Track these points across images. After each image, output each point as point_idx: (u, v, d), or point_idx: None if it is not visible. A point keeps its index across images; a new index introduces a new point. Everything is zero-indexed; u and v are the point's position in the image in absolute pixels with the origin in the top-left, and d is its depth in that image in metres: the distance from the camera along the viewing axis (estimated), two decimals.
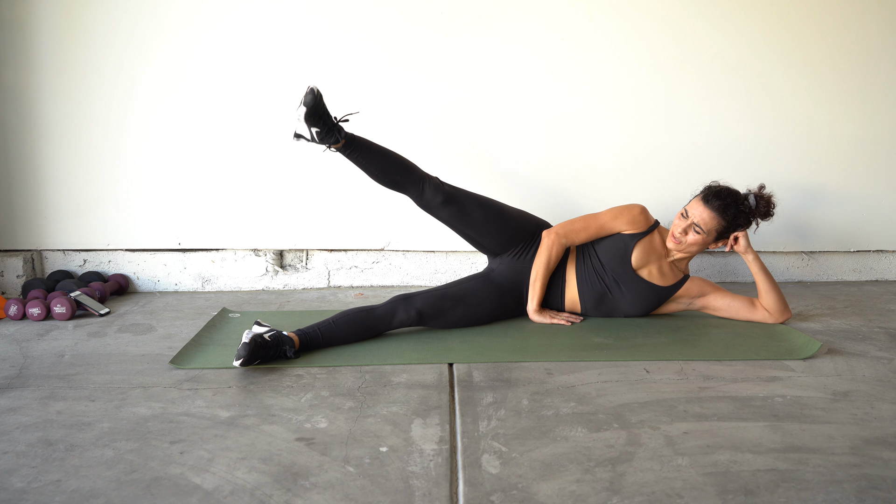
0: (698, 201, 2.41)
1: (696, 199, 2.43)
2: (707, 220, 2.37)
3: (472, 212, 2.50)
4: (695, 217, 2.38)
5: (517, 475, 1.42)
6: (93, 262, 3.09)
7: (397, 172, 2.45)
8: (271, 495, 1.35)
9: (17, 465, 1.48)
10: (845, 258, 3.25)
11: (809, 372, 2.01)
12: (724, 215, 2.37)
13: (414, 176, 2.46)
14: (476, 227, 2.52)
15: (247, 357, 2.01)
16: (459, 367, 2.06)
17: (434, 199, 2.46)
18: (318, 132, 2.32)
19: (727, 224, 2.39)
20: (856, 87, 3.09)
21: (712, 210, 2.37)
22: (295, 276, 3.13)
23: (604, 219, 2.50)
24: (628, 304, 2.51)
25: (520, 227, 2.54)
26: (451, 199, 2.47)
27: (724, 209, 2.37)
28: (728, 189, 2.42)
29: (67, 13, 2.90)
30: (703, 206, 2.38)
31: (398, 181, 2.46)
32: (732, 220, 2.39)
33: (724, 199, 2.38)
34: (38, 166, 3.00)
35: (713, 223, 2.38)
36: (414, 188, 2.46)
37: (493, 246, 2.55)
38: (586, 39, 3.00)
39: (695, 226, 2.38)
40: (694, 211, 2.39)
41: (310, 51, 2.97)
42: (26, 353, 2.23)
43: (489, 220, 2.51)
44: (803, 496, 1.34)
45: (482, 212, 2.51)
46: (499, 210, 2.54)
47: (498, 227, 2.52)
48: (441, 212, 2.49)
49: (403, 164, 2.46)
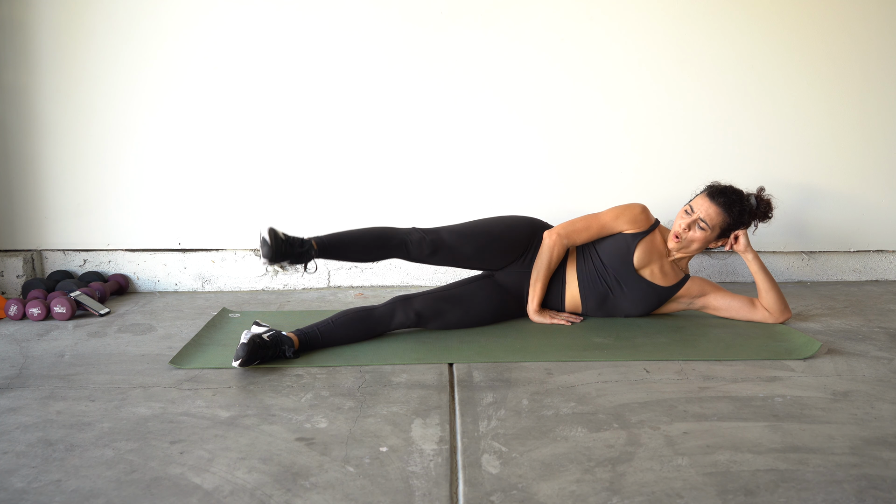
0: (704, 197, 2.41)
1: (701, 195, 2.43)
2: (713, 215, 2.37)
3: (464, 249, 2.44)
4: (700, 212, 2.38)
5: (517, 475, 1.42)
6: (93, 262, 3.09)
7: (376, 248, 2.39)
8: (271, 495, 1.35)
9: (17, 465, 1.48)
10: (845, 258, 3.25)
11: (809, 372, 2.01)
12: (729, 212, 2.38)
13: (394, 242, 2.40)
14: (472, 261, 2.49)
15: (245, 358, 2.01)
16: (459, 367, 2.06)
17: (421, 254, 2.42)
18: (290, 262, 2.28)
19: (731, 221, 2.40)
20: (856, 86, 3.09)
21: (718, 206, 2.37)
22: (295, 276, 3.13)
23: (605, 219, 2.49)
24: (629, 304, 2.50)
25: (515, 239, 2.49)
26: (438, 248, 2.42)
27: (730, 206, 2.38)
28: (732, 187, 2.43)
29: (67, 13, 2.90)
30: (710, 201, 2.39)
31: (381, 255, 2.41)
32: (737, 218, 2.40)
33: (729, 196, 2.38)
34: (38, 166, 3.00)
35: (718, 219, 2.38)
36: (399, 252, 2.42)
37: (495, 266, 2.52)
38: (587, 39, 3.00)
39: (700, 221, 2.38)
40: (700, 207, 2.39)
41: (310, 51, 2.97)
42: (26, 353, 2.23)
43: (482, 248, 2.46)
44: (803, 496, 1.34)
45: (473, 245, 2.45)
46: (488, 234, 2.48)
47: (493, 251, 2.47)
48: (433, 260, 2.46)
49: (379, 237, 2.40)
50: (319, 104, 3.00)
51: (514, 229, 2.51)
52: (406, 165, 3.06)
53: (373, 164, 3.05)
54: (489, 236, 2.47)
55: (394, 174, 3.06)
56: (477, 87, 3.01)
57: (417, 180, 3.07)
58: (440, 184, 3.08)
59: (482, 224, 2.51)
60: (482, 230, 2.48)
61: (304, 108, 3.00)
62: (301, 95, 2.99)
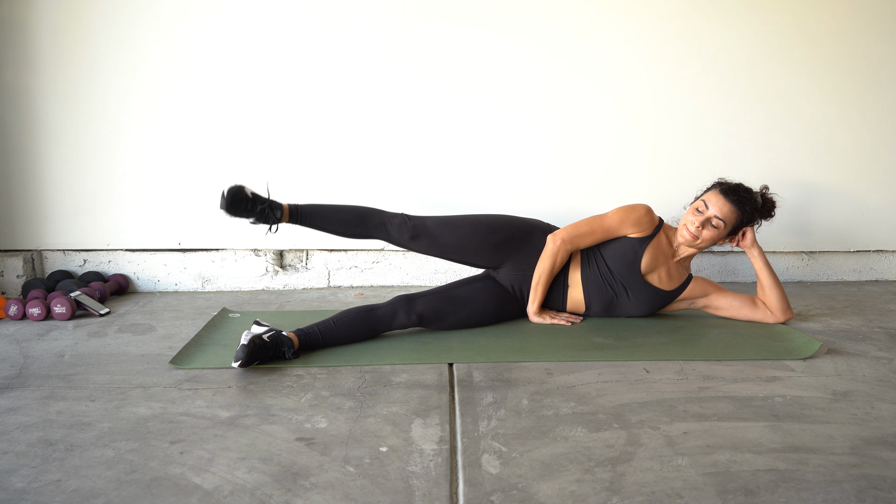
0: (717, 194, 2.39)
1: (713, 192, 2.41)
2: (727, 213, 2.36)
3: (445, 239, 2.44)
4: (715, 210, 2.36)
5: (517, 475, 1.42)
6: (93, 262, 3.09)
7: (355, 225, 2.40)
8: (271, 495, 1.35)
9: (17, 465, 1.48)
10: (845, 258, 3.25)
11: (809, 372, 2.01)
12: (742, 209, 2.37)
13: (374, 222, 2.40)
14: (453, 253, 2.48)
15: (245, 359, 2.01)
16: (459, 367, 2.06)
17: (401, 237, 2.43)
18: (254, 220, 2.35)
19: (743, 218, 2.39)
20: (856, 86, 3.09)
21: (732, 203, 2.36)
22: (295, 276, 3.13)
23: (609, 222, 2.46)
24: (634, 308, 2.50)
25: (501, 238, 2.47)
26: (419, 233, 2.42)
27: (742, 203, 2.37)
28: (742, 185, 2.42)
29: (67, 13, 2.90)
30: (724, 199, 2.37)
31: (360, 233, 2.42)
32: (749, 215, 2.39)
33: (740, 194, 2.38)
34: (38, 166, 3.00)
35: (733, 216, 2.37)
36: (379, 233, 2.42)
37: (486, 264, 2.51)
38: (588, 38, 3.00)
39: (715, 218, 2.36)
40: (714, 204, 2.37)
41: (309, 50, 2.97)
42: (26, 353, 2.23)
43: (463, 241, 2.45)
44: (803, 496, 1.34)
45: (455, 236, 2.44)
46: (474, 228, 2.46)
47: (476, 245, 2.45)
48: (413, 246, 2.46)
49: (358, 214, 2.40)
50: (320, 103, 3.00)
51: (502, 228, 2.49)
52: (408, 165, 3.06)
53: (373, 164, 3.05)
54: (474, 231, 2.46)
55: (395, 174, 3.06)
56: (480, 85, 3.01)
57: (419, 180, 3.07)
58: (440, 184, 3.07)
59: (471, 218, 2.50)
60: (468, 223, 2.48)
61: (305, 107, 3.00)
62: (302, 95, 2.99)
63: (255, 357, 2.03)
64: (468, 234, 2.45)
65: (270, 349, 2.07)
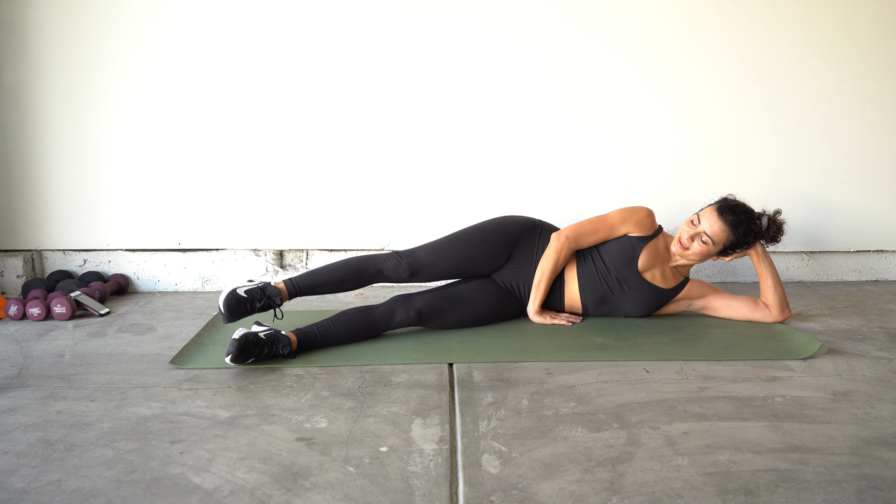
0: (712, 211, 2.37)
1: (710, 208, 2.39)
2: (717, 231, 2.34)
3: (443, 265, 2.45)
4: (705, 227, 2.35)
5: (517, 475, 1.42)
6: (93, 262, 3.09)
7: (353, 280, 2.39)
8: (271, 495, 1.35)
9: (17, 465, 1.48)
10: (845, 258, 3.25)
11: (809, 372, 2.01)
12: (735, 231, 2.35)
13: (370, 271, 2.40)
14: (457, 273, 2.48)
15: (235, 353, 1.99)
16: (459, 367, 2.06)
17: (400, 277, 2.43)
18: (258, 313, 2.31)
19: (735, 240, 2.36)
20: (856, 87, 3.09)
21: (725, 223, 2.34)
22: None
23: (612, 221, 2.47)
24: (630, 305, 2.50)
25: (495, 246, 2.47)
26: (416, 269, 2.42)
27: (737, 225, 2.34)
28: (744, 205, 2.39)
29: (67, 13, 2.90)
30: (717, 217, 2.35)
31: (361, 285, 2.41)
32: (741, 238, 2.36)
33: (738, 215, 2.35)
34: (38, 166, 3.00)
35: (722, 236, 2.35)
36: (378, 280, 2.42)
37: (484, 272, 2.51)
38: (585, 41, 3.00)
39: (704, 235, 2.35)
40: (706, 220, 2.36)
41: (309, 50, 2.97)
42: (26, 353, 2.23)
43: (462, 260, 2.45)
44: (803, 496, 1.34)
45: (452, 259, 2.45)
46: (466, 246, 2.46)
47: (474, 260, 2.46)
48: (414, 281, 2.47)
49: (353, 269, 2.39)
50: (321, 104, 3.00)
51: (492, 236, 2.49)
52: (409, 165, 3.06)
53: (374, 164, 3.05)
54: (467, 248, 2.46)
55: (396, 174, 3.06)
56: (477, 86, 3.01)
57: (421, 180, 3.07)
58: (441, 183, 3.08)
59: (459, 236, 2.50)
60: (459, 242, 2.48)
61: (305, 107, 3.00)
62: (302, 95, 2.99)
63: (247, 352, 2.01)
64: (463, 253, 2.46)
65: (265, 346, 2.06)
